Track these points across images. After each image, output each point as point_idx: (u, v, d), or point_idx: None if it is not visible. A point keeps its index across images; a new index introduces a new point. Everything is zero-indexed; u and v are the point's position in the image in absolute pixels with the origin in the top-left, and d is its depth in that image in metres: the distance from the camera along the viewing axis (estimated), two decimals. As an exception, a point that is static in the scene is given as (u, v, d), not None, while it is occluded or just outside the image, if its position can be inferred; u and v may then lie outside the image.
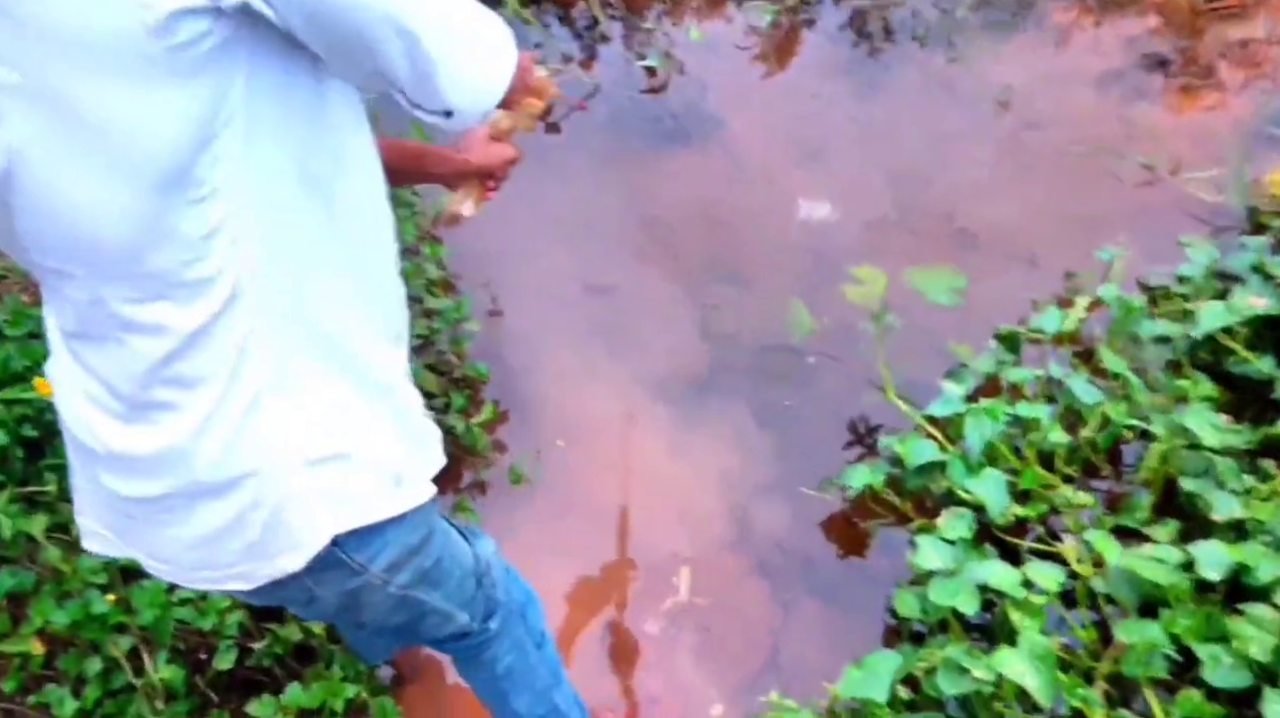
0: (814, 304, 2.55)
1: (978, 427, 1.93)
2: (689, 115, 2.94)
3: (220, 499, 0.98)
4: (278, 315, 0.95)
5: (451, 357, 2.25)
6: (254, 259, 0.92)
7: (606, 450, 2.30)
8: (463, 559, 1.24)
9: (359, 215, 1.02)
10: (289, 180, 0.92)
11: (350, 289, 1.01)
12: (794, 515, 2.19)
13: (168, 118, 0.84)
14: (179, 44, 0.81)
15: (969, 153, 2.81)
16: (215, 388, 0.94)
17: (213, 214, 0.89)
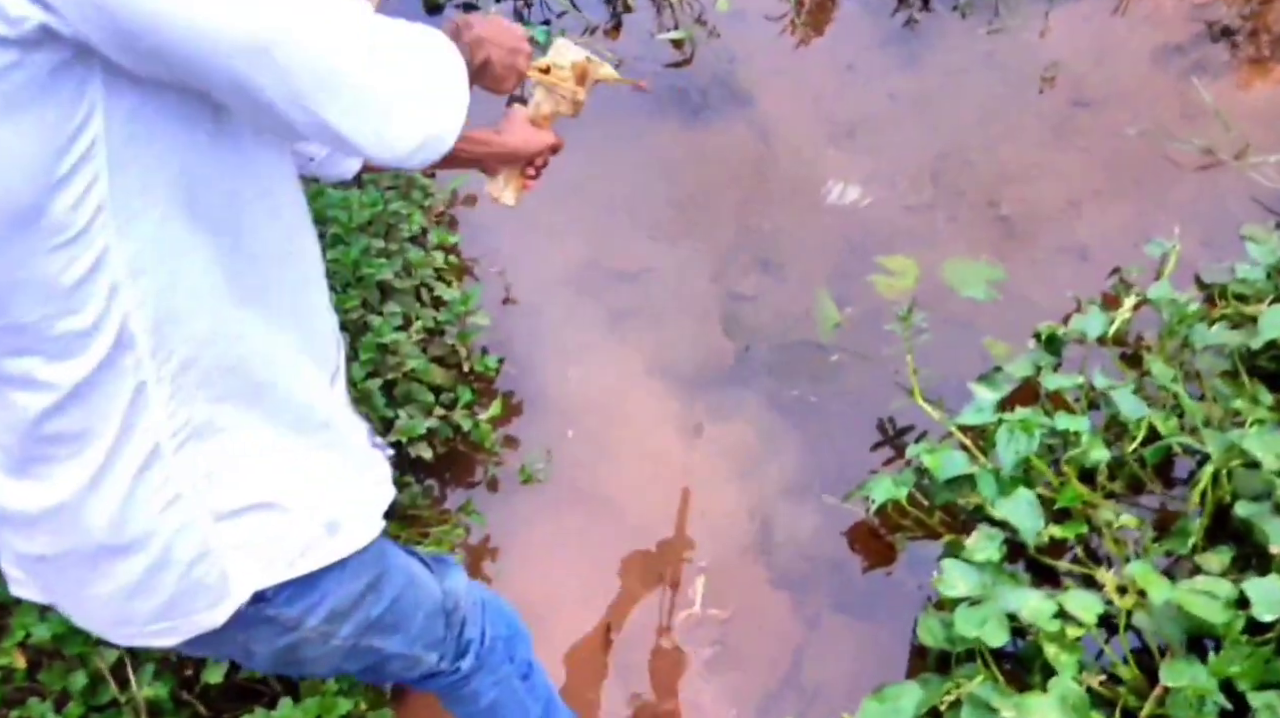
0: (842, 294, 2.42)
1: (1011, 442, 1.80)
2: (716, 90, 2.79)
3: (123, 559, 0.91)
4: (181, 363, 0.86)
5: (460, 349, 2.15)
6: (144, 306, 0.83)
7: (622, 448, 2.20)
8: (426, 599, 1.15)
9: (275, 252, 0.92)
10: (177, 222, 0.83)
11: (269, 329, 0.92)
12: (817, 522, 2.08)
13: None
14: None
15: (1013, 133, 2.64)
16: (104, 443, 0.86)
17: (82, 260, 0.79)
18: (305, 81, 0.76)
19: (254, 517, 0.93)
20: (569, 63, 1.27)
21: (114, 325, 0.82)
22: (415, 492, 1.92)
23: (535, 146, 1.25)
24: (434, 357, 2.11)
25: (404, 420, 1.88)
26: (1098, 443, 1.84)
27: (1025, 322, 2.25)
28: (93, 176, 0.77)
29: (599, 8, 2.99)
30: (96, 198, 0.78)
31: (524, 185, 1.31)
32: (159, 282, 0.83)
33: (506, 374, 2.25)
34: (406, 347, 1.98)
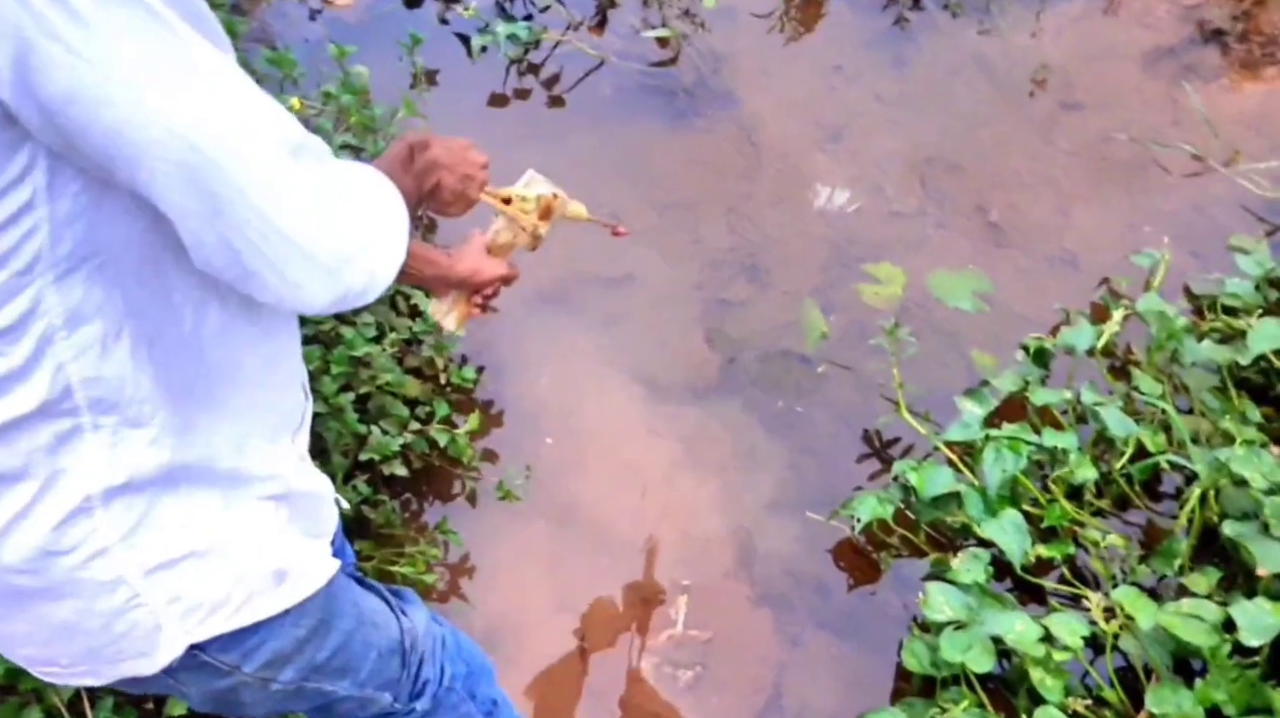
0: (828, 302, 2.38)
1: (998, 461, 1.77)
2: (701, 91, 2.74)
3: (43, 603, 0.86)
4: (124, 418, 0.82)
5: (438, 360, 2.10)
6: (83, 358, 0.78)
7: (603, 462, 2.16)
8: (381, 639, 1.11)
9: (243, 331, 0.88)
10: (125, 286, 0.78)
11: (226, 402, 0.88)
12: (802, 539, 2.05)
13: None
14: None
15: (1002, 137, 2.60)
16: (29, 487, 0.81)
17: (15, 304, 0.75)
18: (225, 213, 0.72)
19: (190, 567, 0.89)
20: (534, 196, 1.22)
21: (46, 372, 0.78)
22: (389, 509, 1.88)
23: (484, 277, 1.20)
24: (410, 368, 2.07)
25: (377, 437, 1.83)
26: (1085, 461, 1.81)
27: (1013, 333, 2.22)
28: (32, 226, 0.73)
29: (583, 3, 2.93)
30: (35, 246, 0.74)
31: (469, 313, 1.26)
32: (99, 335, 0.79)
33: (485, 385, 2.21)
34: (381, 359, 1.93)
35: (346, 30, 2.86)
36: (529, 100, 2.75)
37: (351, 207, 0.81)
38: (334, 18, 2.90)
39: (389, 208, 0.89)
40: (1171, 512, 1.93)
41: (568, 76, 2.77)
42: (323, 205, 0.77)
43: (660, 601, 1.95)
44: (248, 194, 0.72)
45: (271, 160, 0.73)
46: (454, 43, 2.83)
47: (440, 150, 1.08)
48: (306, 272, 0.77)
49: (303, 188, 0.75)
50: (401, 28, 2.67)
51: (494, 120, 2.71)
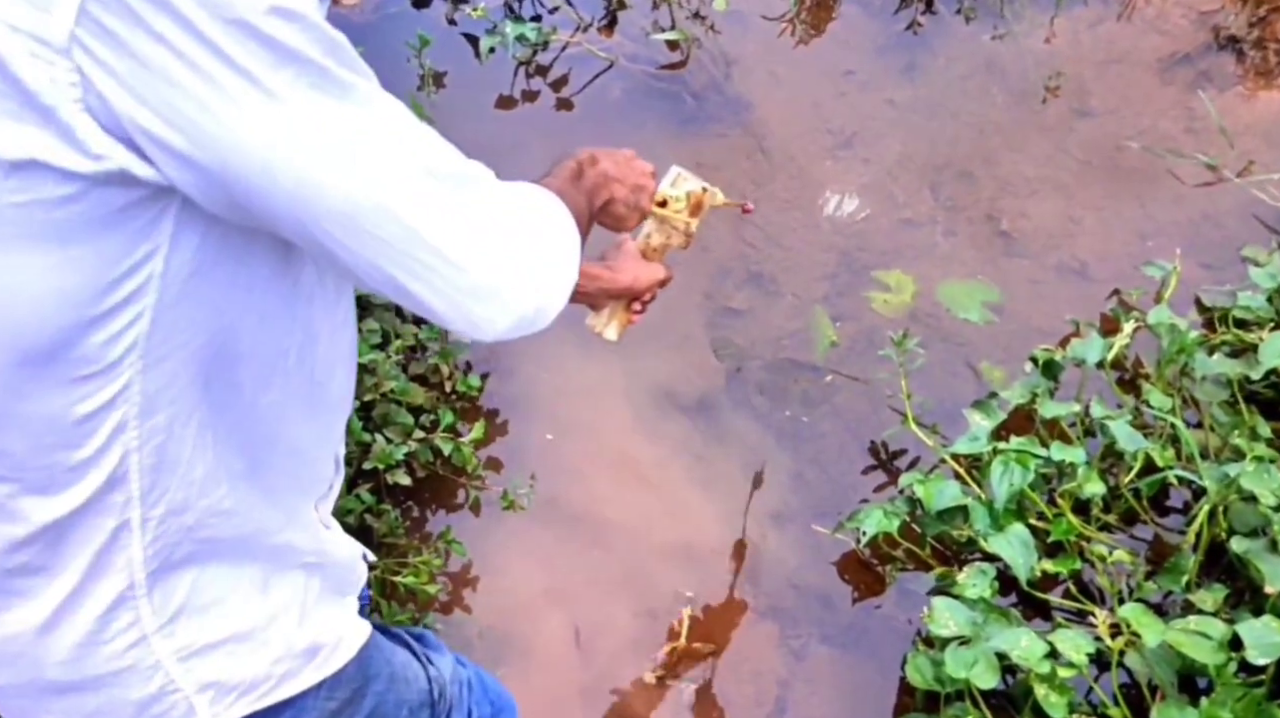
0: (837, 310, 2.37)
1: (1006, 475, 1.75)
2: (711, 95, 2.72)
3: (73, 696, 0.85)
4: (171, 507, 0.80)
5: (443, 368, 2.10)
6: (147, 445, 0.76)
7: (607, 471, 2.15)
8: (412, 694, 1.10)
9: (300, 397, 0.87)
10: (206, 362, 0.77)
11: (273, 478, 0.87)
12: (806, 551, 2.04)
13: (30, 289, 0.68)
14: (32, 202, 0.65)
15: (1014, 144, 2.58)
16: (72, 579, 0.79)
17: (96, 397, 0.73)
18: (393, 254, 0.71)
19: (225, 651, 0.87)
20: (685, 194, 1.21)
21: (111, 462, 0.76)
22: (393, 518, 1.88)
23: (646, 283, 1.19)
24: (415, 375, 2.06)
25: (381, 445, 1.83)
26: (1093, 476, 1.80)
27: (1022, 344, 2.21)
28: (137, 314, 0.71)
29: (593, 4, 2.92)
30: (134, 335, 0.72)
31: (629, 320, 1.25)
32: (168, 421, 0.76)
33: (490, 393, 2.20)
34: (385, 366, 1.92)
35: (353, 30, 2.85)
36: (537, 102, 2.74)
37: (523, 230, 0.80)
38: (341, 17, 2.89)
39: (560, 227, 0.88)
40: (1179, 527, 1.91)
41: (576, 78, 2.76)
42: (495, 232, 0.75)
43: (662, 613, 1.95)
44: (422, 234, 0.71)
45: (443, 196, 0.72)
46: (462, 44, 2.82)
47: (609, 163, 1.05)
48: (484, 301, 0.75)
49: (475, 217, 0.74)
50: (409, 28, 2.67)
51: (501, 122, 2.70)
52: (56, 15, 0.62)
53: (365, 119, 0.69)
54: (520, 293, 0.78)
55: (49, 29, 0.62)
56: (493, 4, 2.88)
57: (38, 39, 0.62)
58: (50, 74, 0.63)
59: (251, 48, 0.64)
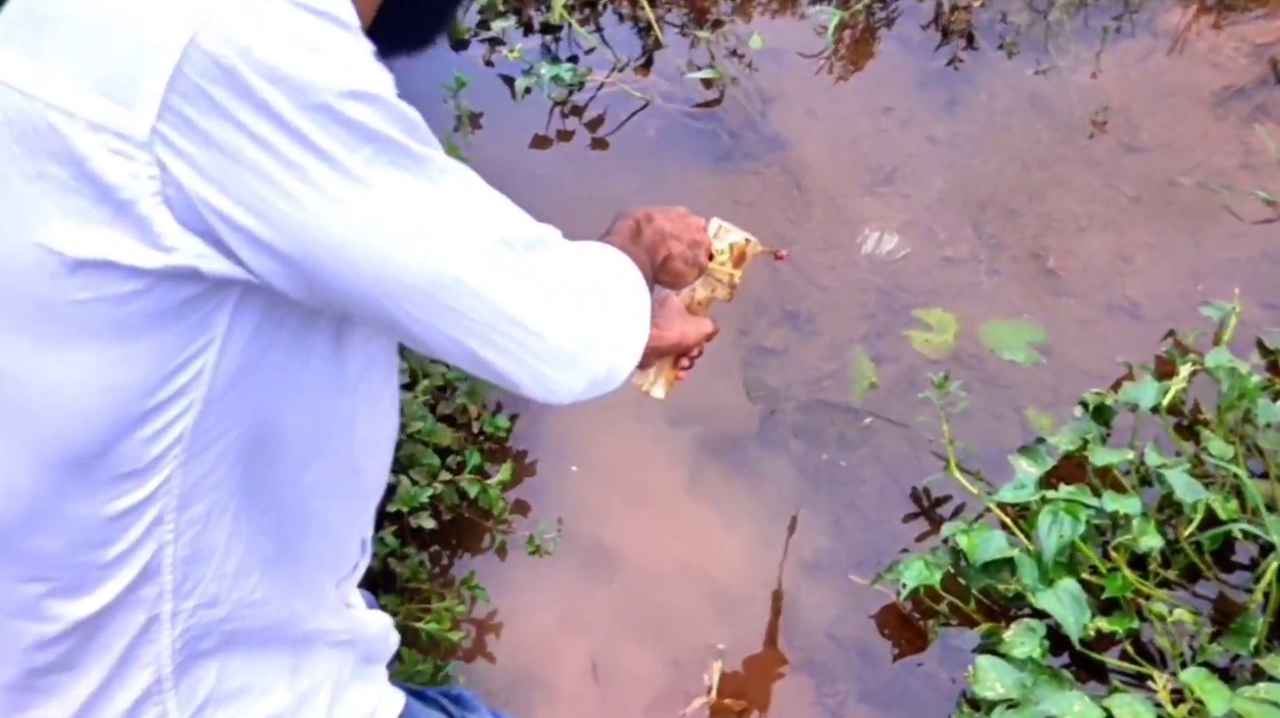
0: (876, 351, 2.29)
1: (1055, 526, 1.66)
2: (747, 132, 2.68)
3: None
4: (203, 600, 0.77)
5: (470, 408, 2.06)
6: (182, 538, 0.74)
7: (636, 516, 2.09)
8: None
9: (340, 483, 0.84)
10: (248, 451, 0.74)
11: (307, 566, 0.84)
12: (844, 602, 1.95)
13: (81, 386, 0.67)
14: (95, 299, 0.65)
15: (1060, 180, 2.50)
16: (99, 674, 0.76)
17: (135, 493, 0.71)
18: (472, 326, 0.71)
19: None
20: (728, 246, 1.19)
21: (144, 557, 0.73)
22: (416, 563, 1.83)
23: (694, 338, 1.16)
24: (442, 415, 2.02)
25: (406, 487, 1.79)
26: (1150, 528, 1.70)
27: (1071, 387, 2.11)
28: (187, 406, 0.69)
29: (629, 44, 2.91)
30: (181, 427, 0.70)
31: (677, 377, 1.22)
32: (206, 511, 0.74)
33: (518, 434, 2.15)
34: (413, 406, 1.89)
35: (391, 73, 2.87)
36: (572, 142, 2.72)
37: (595, 290, 0.80)
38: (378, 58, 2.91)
39: (630, 286, 0.88)
40: (1246, 584, 1.80)
41: (612, 118, 2.74)
42: (568, 294, 0.75)
43: (692, 664, 1.87)
44: (501, 306, 0.71)
45: (518, 264, 0.72)
46: (498, 84, 2.82)
47: (664, 221, 1.04)
48: (560, 366, 0.75)
49: (549, 282, 0.74)
50: (447, 70, 2.67)
51: (536, 162, 2.69)
52: (139, 110, 0.62)
53: (442, 193, 0.69)
54: (595, 355, 0.78)
55: (131, 124, 0.62)
56: (530, 45, 2.89)
57: (119, 135, 0.62)
58: (130, 169, 0.62)
59: (333, 131, 0.64)
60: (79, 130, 0.63)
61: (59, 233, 0.64)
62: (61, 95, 0.63)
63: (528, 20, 2.95)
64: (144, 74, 0.62)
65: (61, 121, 0.63)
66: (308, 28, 0.64)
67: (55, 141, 0.63)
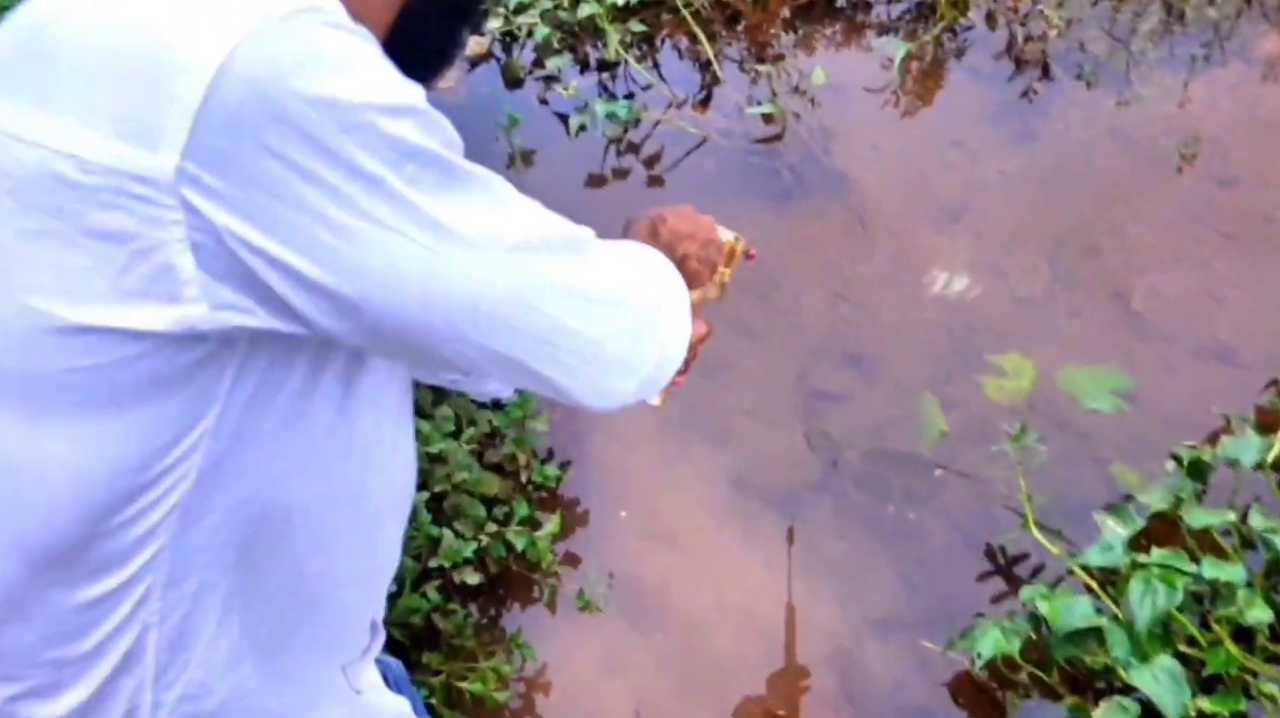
0: (946, 397, 2.17)
1: (1148, 595, 1.52)
2: (809, 169, 2.59)
3: None
4: (186, 691, 0.70)
5: (519, 455, 1.98)
6: (167, 621, 0.67)
7: (691, 571, 1.99)
8: None
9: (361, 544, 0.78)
10: (241, 522, 0.67)
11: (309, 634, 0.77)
12: (913, 668, 1.82)
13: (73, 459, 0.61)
14: (96, 366, 0.59)
15: (1144, 215, 2.36)
16: None
17: (122, 572, 0.65)
18: (526, 341, 0.67)
19: None
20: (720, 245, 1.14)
21: (126, 642, 0.66)
22: (461, 619, 1.75)
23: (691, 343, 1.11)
24: (490, 463, 1.95)
25: (449, 540, 1.72)
26: (1257, 599, 1.54)
27: (1160, 438, 1.96)
28: (183, 475, 0.63)
29: (686, 80, 2.85)
30: (173, 500, 0.64)
31: (674, 382, 1.16)
32: (196, 588, 0.67)
33: (568, 483, 2.07)
34: (458, 455, 1.82)
35: (448, 112, 2.80)
36: (628, 180, 2.66)
37: (636, 289, 0.76)
38: (437, 100, 2.89)
39: (667, 281, 0.84)
40: (1365, 661, 1.63)
41: (668, 155, 2.68)
42: (615, 296, 0.73)
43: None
44: (557, 317, 0.67)
45: (569, 271, 0.68)
46: (553, 122, 2.78)
47: (677, 221, 1.00)
48: (613, 372, 0.73)
49: (595, 287, 0.70)
50: (502, 108, 2.64)
51: (591, 200, 2.63)
52: (162, 148, 0.56)
53: (488, 207, 0.64)
54: (644, 355, 0.75)
55: (153, 165, 0.56)
56: (586, 83, 2.85)
57: (139, 178, 0.56)
58: (151, 214, 0.56)
59: (379, 151, 0.59)
60: (91, 178, 0.56)
61: (57, 295, 0.58)
62: (68, 141, 0.57)
63: (584, 57, 2.91)
64: (167, 107, 0.55)
65: (69, 170, 0.57)
66: (341, 45, 0.59)
67: (61, 194, 0.57)
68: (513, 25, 2.91)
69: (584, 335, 0.69)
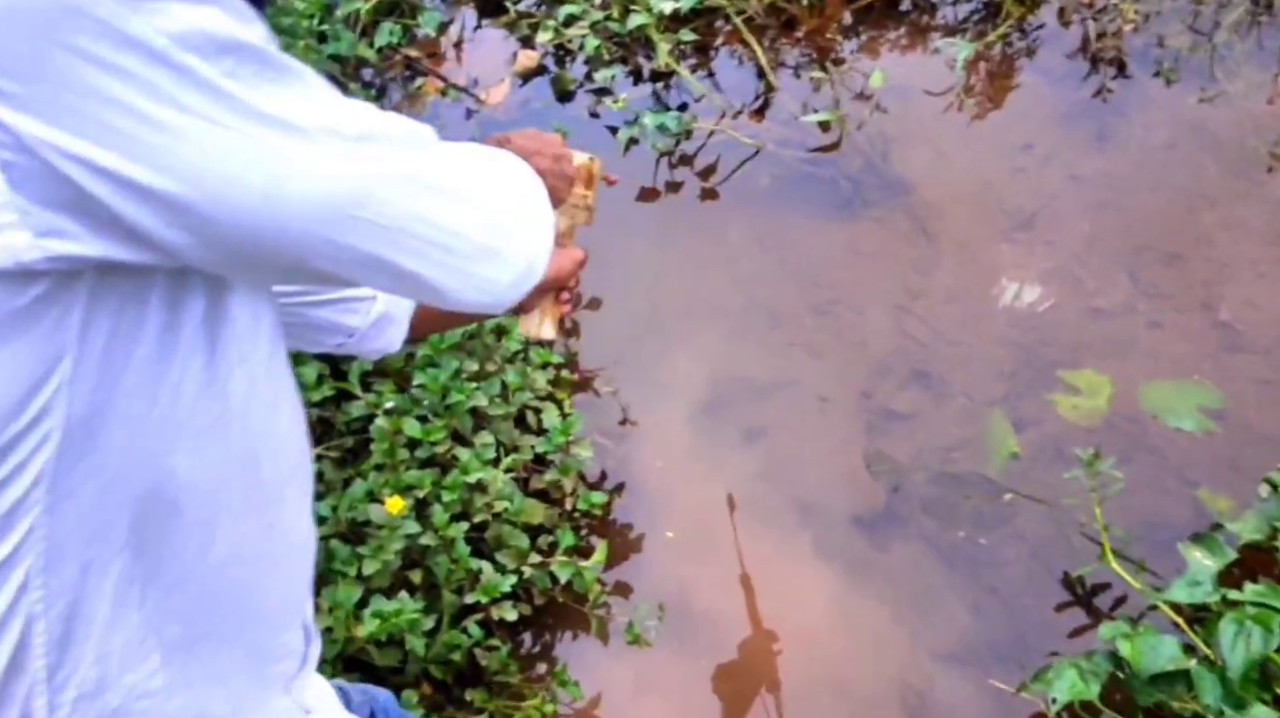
0: (1017, 417, 2.05)
1: (1241, 638, 1.39)
2: (869, 177, 2.49)
3: None
4: (82, 691, 0.65)
5: (565, 482, 1.93)
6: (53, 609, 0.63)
7: (749, 601, 1.90)
8: None
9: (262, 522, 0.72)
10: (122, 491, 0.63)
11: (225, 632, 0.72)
12: (985, 705, 1.71)
13: None
14: None
15: (1233, 221, 2.20)
16: None
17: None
18: (387, 237, 0.63)
19: None
20: (577, 168, 1.10)
21: (10, 640, 0.62)
22: (503, 654, 1.70)
23: (569, 269, 1.07)
24: (535, 490, 1.90)
25: (489, 575, 1.66)
26: (1365, 643, 1.40)
27: (1253, 461, 1.82)
28: (43, 437, 0.59)
29: (741, 89, 2.77)
30: (39, 466, 0.59)
31: (561, 313, 1.14)
32: (80, 573, 0.63)
33: (620, 507, 2.01)
34: (499, 483, 1.77)
35: (498, 128, 2.82)
36: (680, 193, 2.59)
37: (494, 181, 0.75)
38: (487, 117, 2.87)
39: (522, 175, 0.81)
40: None
41: (723, 166, 2.60)
42: (472, 188, 0.70)
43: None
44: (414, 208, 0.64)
45: (416, 165, 0.65)
46: (605, 136, 2.72)
47: (523, 140, 0.97)
48: (484, 261, 0.71)
49: (452, 178, 0.68)
50: (552, 123, 2.59)
51: (644, 215, 2.57)
52: None
53: (318, 101, 0.60)
54: (512, 242, 0.73)
55: None
56: (639, 94, 2.79)
57: None
58: None
59: (183, 36, 0.53)
60: None
61: None
62: None
63: (636, 68, 2.86)
64: None
65: None
66: None
67: None
68: (563, 38, 2.87)
69: (446, 227, 0.67)
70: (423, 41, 3.10)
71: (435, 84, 2.98)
